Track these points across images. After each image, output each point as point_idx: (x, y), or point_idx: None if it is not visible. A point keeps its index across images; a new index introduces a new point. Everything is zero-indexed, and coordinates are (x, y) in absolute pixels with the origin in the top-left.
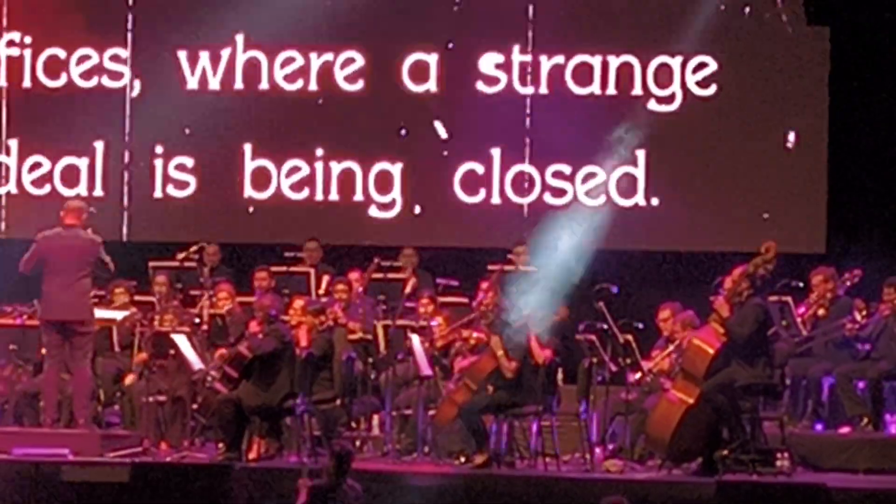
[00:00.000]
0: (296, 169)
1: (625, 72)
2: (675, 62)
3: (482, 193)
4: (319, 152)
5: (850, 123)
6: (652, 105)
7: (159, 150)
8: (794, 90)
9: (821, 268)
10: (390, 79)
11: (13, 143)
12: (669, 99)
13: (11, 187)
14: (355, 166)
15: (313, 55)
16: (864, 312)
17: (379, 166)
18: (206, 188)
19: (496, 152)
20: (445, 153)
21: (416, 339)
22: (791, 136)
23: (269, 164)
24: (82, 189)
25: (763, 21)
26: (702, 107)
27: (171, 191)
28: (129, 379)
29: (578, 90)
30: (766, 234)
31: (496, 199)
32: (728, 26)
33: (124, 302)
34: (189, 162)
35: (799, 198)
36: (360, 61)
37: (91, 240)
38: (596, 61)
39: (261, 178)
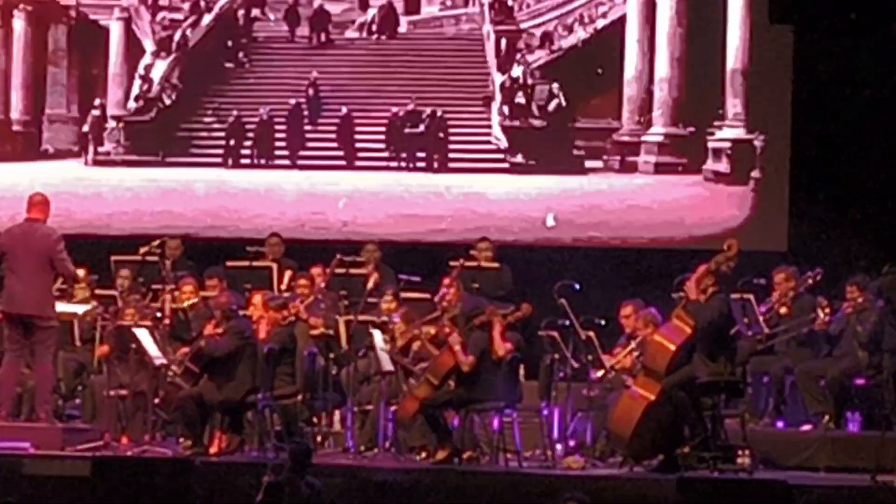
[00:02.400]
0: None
1: None
2: None
3: None
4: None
5: (813, 122)
6: None
7: None
8: (757, 89)
9: (783, 266)
10: None
11: None
12: None
13: None
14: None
15: None
16: (828, 311)
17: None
18: None
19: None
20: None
21: (377, 335)
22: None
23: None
24: None
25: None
26: None
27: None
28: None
29: None
30: (729, 232)
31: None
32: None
33: (85, 297)
34: None
35: (761, 195)
36: None
37: (47, 234)
38: None
39: None
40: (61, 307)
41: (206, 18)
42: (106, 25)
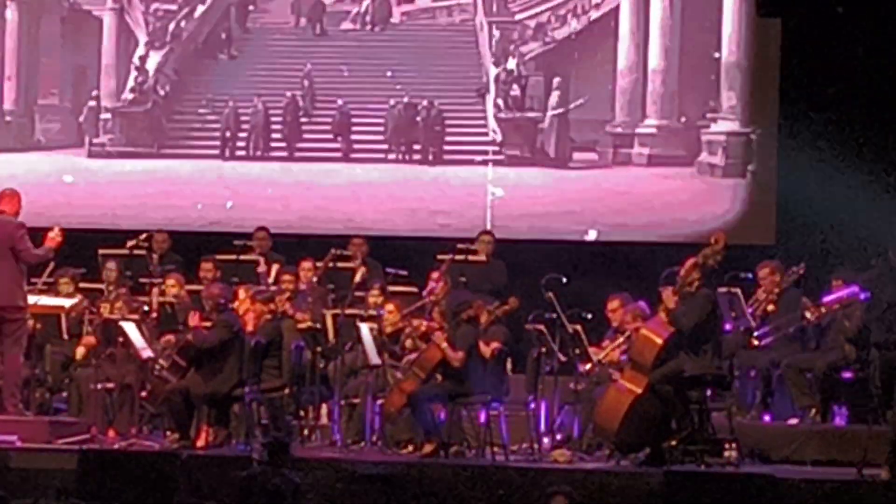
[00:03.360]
0: None
1: None
2: None
3: None
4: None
5: (800, 115)
6: None
7: None
8: (744, 82)
9: (767, 261)
10: None
11: None
12: None
13: None
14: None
15: None
16: (815, 312)
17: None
18: None
19: None
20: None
21: (364, 328)
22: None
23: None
24: None
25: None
26: None
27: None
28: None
29: None
30: (720, 225)
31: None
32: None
33: (69, 291)
34: None
35: (751, 189)
36: None
37: (7, 223)
38: None
39: None
40: (48, 301)
41: (200, 9)
42: (99, 16)
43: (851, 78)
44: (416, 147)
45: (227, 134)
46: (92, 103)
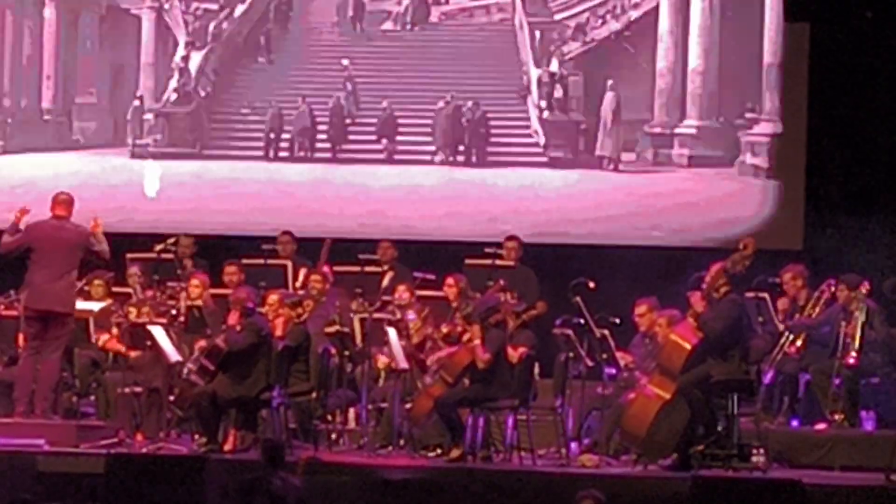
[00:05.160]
0: None
1: None
2: None
3: None
4: None
5: (829, 120)
6: None
7: None
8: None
9: (790, 265)
10: None
11: None
12: None
13: None
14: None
15: None
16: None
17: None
18: None
19: None
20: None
21: (392, 333)
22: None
23: None
24: None
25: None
26: None
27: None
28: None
29: None
30: (744, 231)
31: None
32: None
33: (101, 294)
34: None
35: (778, 193)
36: None
37: (80, 231)
38: None
39: None
40: (79, 304)
41: (240, 9)
42: (137, 14)
43: (880, 83)
44: (461, 149)
45: (272, 135)
46: (136, 103)
